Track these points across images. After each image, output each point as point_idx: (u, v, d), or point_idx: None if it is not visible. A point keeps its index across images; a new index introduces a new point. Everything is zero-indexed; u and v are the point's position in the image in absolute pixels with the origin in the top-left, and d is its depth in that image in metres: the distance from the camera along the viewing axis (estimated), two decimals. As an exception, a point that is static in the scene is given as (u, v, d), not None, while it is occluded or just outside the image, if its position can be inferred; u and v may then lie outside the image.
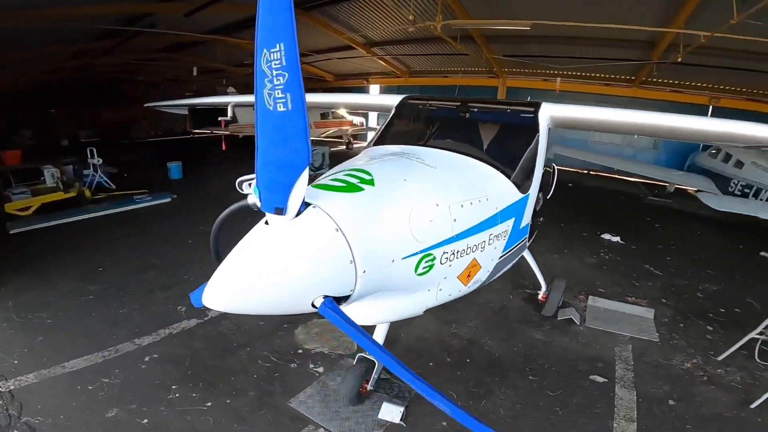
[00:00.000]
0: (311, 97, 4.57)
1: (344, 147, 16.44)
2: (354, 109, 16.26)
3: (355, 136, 17.48)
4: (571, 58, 10.93)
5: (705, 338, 4.31)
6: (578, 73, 12.57)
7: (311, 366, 3.35)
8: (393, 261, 1.96)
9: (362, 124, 17.39)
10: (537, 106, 3.25)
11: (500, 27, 8.17)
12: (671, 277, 6.07)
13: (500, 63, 13.11)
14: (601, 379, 3.48)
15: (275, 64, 1.42)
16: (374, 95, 4.91)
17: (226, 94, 12.44)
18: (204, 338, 3.63)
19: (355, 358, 2.93)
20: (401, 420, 2.76)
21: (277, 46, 1.40)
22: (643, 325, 4.54)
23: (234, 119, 6.98)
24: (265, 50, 1.43)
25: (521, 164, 3.09)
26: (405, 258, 2.01)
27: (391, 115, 3.60)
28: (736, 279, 6.08)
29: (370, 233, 1.82)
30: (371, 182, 1.99)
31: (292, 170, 1.55)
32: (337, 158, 11.12)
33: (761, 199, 9.31)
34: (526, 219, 3.22)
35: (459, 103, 3.57)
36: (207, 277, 1.62)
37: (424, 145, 3.10)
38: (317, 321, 3.99)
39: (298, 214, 1.64)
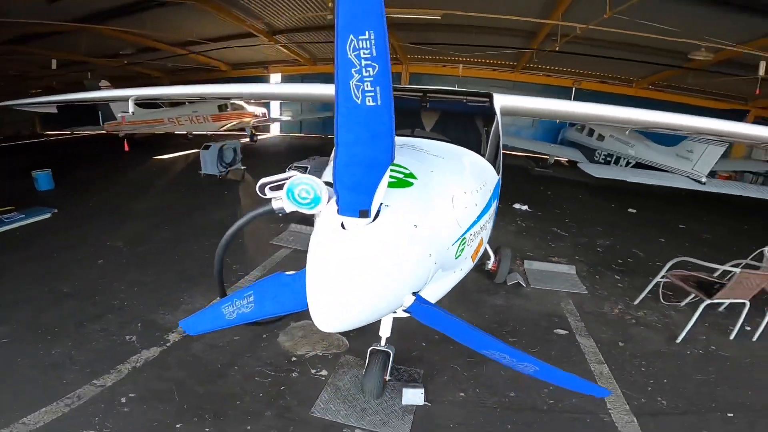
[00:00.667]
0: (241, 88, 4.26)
1: (248, 140, 15.38)
2: (291, 100, 15.43)
3: (257, 128, 16.48)
4: (468, 46, 11.86)
5: (617, 286, 5.23)
6: (473, 59, 13.68)
7: (313, 372, 3.21)
8: (447, 248, 2.02)
9: (264, 115, 16.45)
10: (490, 96, 3.51)
11: (413, 16, 8.46)
12: (574, 236, 7.16)
13: (404, 50, 13.56)
14: (563, 332, 4.03)
15: (364, 53, 1.31)
16: (314, 85, 4.69)
17: (98, 88, 10.68)
18: (180, 365, 3.21)
19: (369, 352, 2.92)
20: (425, 401, 2.86)
21: (367, 33, 1.28)
22: (572, 281, 5.32)
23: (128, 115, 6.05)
24: (351, 36, 1.28)
25: (489, 149, 3.35)
26: (453, 244, 2.08)
27: None
28: (618, 233, 7.44)
29: (433, 224, 1.84)
30: (413, 175, 1.99)
31: (377, 169, 1.48)
32: (244, 153, 10.41)
33: (621, 165, 11.45)
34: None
35: (421, 93, 3.69)
36: (142, 302, 1.49)
37: (412, 135, 3.15)
38: (297, 325, 3.82)
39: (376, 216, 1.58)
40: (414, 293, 1.70)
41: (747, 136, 3.50)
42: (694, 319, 3.90)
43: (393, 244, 1.59)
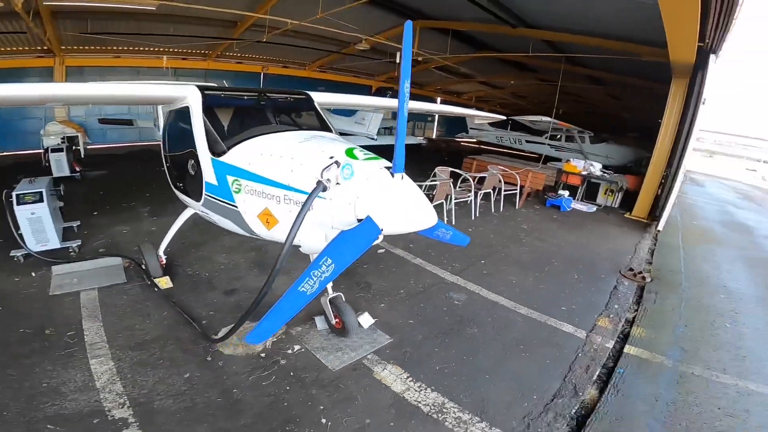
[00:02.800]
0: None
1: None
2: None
3: None
4: (157, 35, 10.77)
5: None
6: (158, 49, 12.34)
7: (289, 351, 3.23)
8: None
9: None
10: (307, 94, 4.11)
11: (125, 5, 7.08)
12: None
13: (60, 40, 10.54)
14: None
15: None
16: (155, 85, 3.69)
17: None
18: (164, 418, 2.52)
19: (328, 302, 3.48)
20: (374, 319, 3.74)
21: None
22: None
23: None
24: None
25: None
26: None
27: (198, 109, 3.35)
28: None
29: None
30: (369, 152, 2.61)
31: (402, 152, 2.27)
32: None
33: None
34: None
35: (257, 93, 3.91)
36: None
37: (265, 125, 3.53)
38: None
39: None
40: None
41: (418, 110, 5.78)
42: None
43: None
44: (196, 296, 3.92)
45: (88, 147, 10.91)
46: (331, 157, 2.41)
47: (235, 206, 3.00)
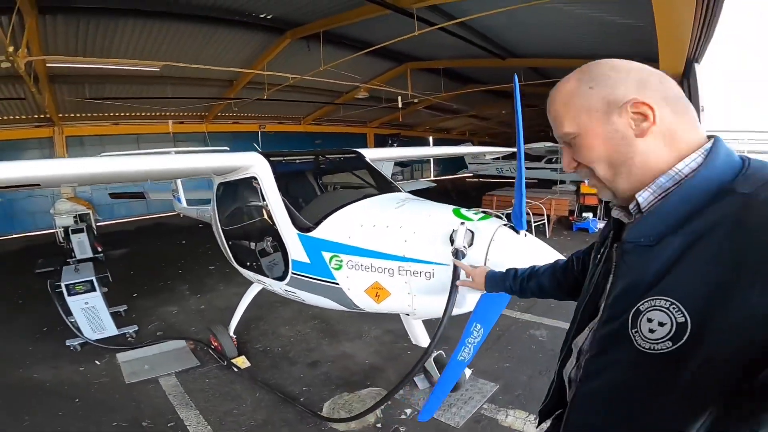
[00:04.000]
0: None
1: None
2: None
3: None
4: (156, 99, 10.93)
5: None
6: (154, 114, 12.52)
7: (403, 416, 3.10)
8: None
9: None
10: (357, 152, 4.13)
11: (132, 68, 7.24)
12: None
13: (59, 108, 10.62)
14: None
15: None
16: (214, 155, 3.52)
17: None
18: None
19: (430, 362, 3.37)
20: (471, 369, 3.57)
21: None
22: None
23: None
24: None
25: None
26: None
27: (270, 180, 3.25)
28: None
29: None
30: (475, 210, 2.61)
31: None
32: None
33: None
34: None
35: (314, 156, 4.07)
36: None
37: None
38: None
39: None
40: None
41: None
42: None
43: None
44: (281, 373, 3.73)
45: (98, 224, 10.76)
46: (462, 223, 2.28)
47: (336, 283, 2.83)
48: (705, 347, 0.61)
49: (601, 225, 9.24)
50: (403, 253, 2.47)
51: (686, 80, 8.41)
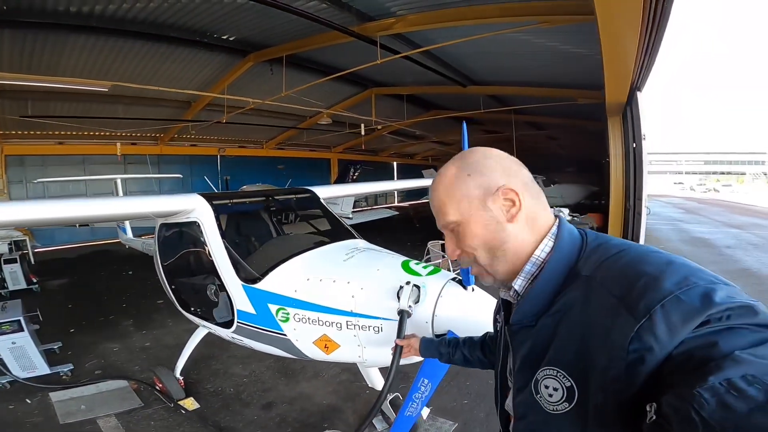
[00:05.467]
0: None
1: None
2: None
3: None
4: (103, 118, 10.39)
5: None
6: (104, 133, 11.83)
7: None
8: None
9: None
10: (311, 191, 3.98)
11: (79, 87, 6.82)
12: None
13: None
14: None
15: None
16: (151, 199, 3.22)
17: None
18: None
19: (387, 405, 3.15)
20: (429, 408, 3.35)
21: None
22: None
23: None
24: None
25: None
26: None
27: (212, 226, 3.11)
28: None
29: None
30: (424, 263, 2.59)
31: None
32: None
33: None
34: None
35: (264, 198, 3.94)
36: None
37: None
38: None
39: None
40: None
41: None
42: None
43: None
44: (233, 415, 3.41)
45: (36, 251, 9.86)
46: (408, 282, 2.23)
47: (284, 335, 2.71)
48: (594, 399, 0.70)
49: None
50: (350, 309, 2.43)
51: (629, 108, 9.03)
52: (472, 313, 2.16)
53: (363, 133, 12.89)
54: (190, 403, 3.51)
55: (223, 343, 4.57)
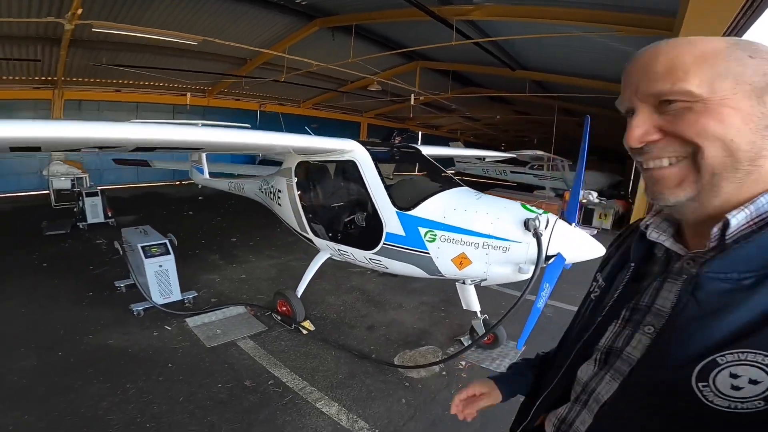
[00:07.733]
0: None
1: None
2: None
3: None
4: (164, 69, 10.82)
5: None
6: (154, 83, 12.29)
7: (460, 366, 3.75)
8: None
9: None
10: (416, 148, 4.74)
11: (170, 39, 7.30)
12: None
13: (65, 72, 10.28)
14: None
15: None
16: (319, 138, 3.78)
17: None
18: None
19: (479, 324, 3.98)
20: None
21: None
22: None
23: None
24: None
25: None
26: None
27: (370, 165, 3.78)
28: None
29: None
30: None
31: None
32: None
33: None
34: None
35: (393, 148, 4.60)
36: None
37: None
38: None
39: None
40: None
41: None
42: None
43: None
44: (345, 335, 4.23)
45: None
46: (542, 213, 3.13)
47: (427, 253, 3.45)
48: None
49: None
50: (489, 232, 3.20)
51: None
52: (576, 240, 3.03)
53: (413, 102, 13.30)
54: (308, 325, 4.29)
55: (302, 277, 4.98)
